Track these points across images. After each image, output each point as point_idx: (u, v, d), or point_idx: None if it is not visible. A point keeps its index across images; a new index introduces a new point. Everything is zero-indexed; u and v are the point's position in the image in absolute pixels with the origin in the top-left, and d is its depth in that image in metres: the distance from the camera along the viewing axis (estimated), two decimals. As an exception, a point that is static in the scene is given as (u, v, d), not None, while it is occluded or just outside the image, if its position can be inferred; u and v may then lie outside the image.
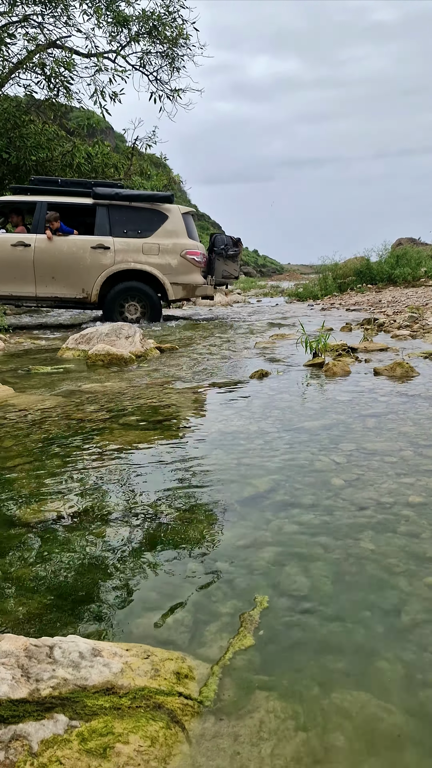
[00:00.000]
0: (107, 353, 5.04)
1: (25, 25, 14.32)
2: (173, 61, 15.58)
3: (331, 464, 2.26)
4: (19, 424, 3.01)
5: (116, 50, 15.22)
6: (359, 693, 1.07)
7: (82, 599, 1.43)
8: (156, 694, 1.00)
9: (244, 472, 2.22)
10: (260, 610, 1.34)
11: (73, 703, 0.93)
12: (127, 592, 1.47)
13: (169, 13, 14.73)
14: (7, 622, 1.32)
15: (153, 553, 1.65)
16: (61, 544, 1.70)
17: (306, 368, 4.39)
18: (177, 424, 2.95)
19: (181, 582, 1.50)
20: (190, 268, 9.10)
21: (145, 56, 15.46)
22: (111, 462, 2.40)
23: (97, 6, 14.24)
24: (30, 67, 14.28)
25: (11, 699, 0.90)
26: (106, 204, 9.00)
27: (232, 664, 1.15)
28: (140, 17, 14.66)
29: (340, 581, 1.46)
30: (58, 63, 14.08)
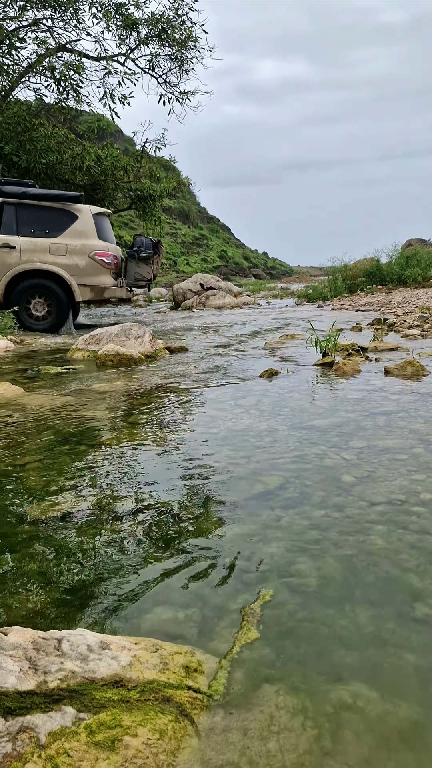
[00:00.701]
0: (117, 353, 5.04)
1: (35, 29, 14.40)
2: (182, 64, 15.61)
3: (341, 461, 2.24)
4: (29, 424, 3.01)
5: (125, 53, 15.27)
6: (369, 687, 1.06)
7: (91, 594, 1.43)
8: (165, 688, 0.99)
9: (254, 469, 2.20)
10: (261, 603, 1.33)
11: (81, 695, 0.92)
12: (136, 587, 1.46)
13: (177, 15, 14.76)
14: (18, 615, 1.31)
15: (162, 548, 1.64)
16: (70, 539, 1.70)
17: (316, 367, 4.38)
18: (187, 422, 2.95)
19: (191, 577, 1.49)
20: (99, 270, 8.95)
21: (154, 59, 15.50)
22: (119, 460, 2.39)
23: (106, 9, 14.29)
24: (40, 70, 14.35)
25: (19, 691, 0.89)
26: (14, 203, 8.80)
27: (241, 658, 1.14)
28: (149, 20, 14.70)
29: (350, 577, 1.45)
30: (68, 66, 14.13)
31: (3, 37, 13.89)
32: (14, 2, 13.89)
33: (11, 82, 14.04)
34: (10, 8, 14.09)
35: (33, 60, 14.40)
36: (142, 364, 5.02)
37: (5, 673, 0.91)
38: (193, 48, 15.40)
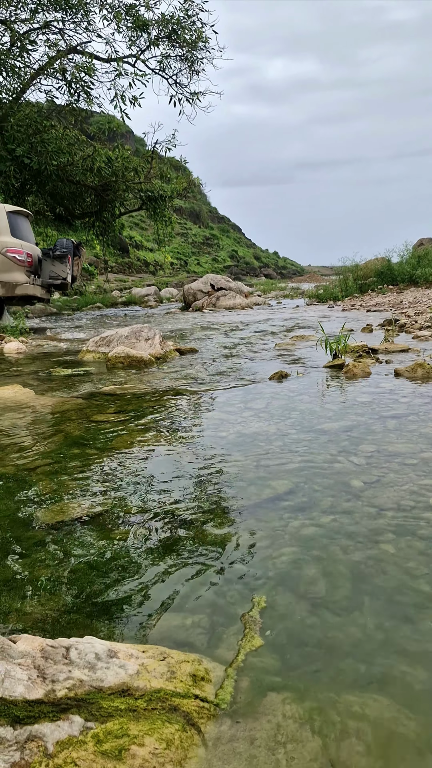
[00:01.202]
0: (127, 355, 5.06)
1: (46, 31, 14.48)
2: (192, 65, 15.64)
3: (350, 466, 2.24)
4: (40, 427, 3.03)
5: (136, 54, 15.32)
6: (378, 697, 1.06)
7: (99, 600, 1.44)
8: (172, 697, 0.99)
9: (263, 474, 2.20)
10: (259, 610, 1.33)
11: (89, 704, 0.93)
12: (144, 593, 1.47)
13: (188, 16, 14.78)
14: (26, 622, 1.32)
15: (171, 554, 1.64)
16: (79, 545, 1.71)
17: (326, 369, 4.37)
18: (196, 425, 2.95)
19: (199, 583, 1.49)
20: (11, 267, 8.95)
21: (164, 60, 15.54)
22: (130, 464, 2.40)
23: (117, 11, 14.34)
24: (51, 73, 14.43)
25: (27, 699, 0.90)
26: None
27: (247, 666, 1.14)
28: (159, 21, 14.73)
29: (358, 584, 1.45)
30: (79, 68, 14.20)
31: (14, 39, 13.97)
32: (25, 5, 13.98)
33: (23, 85, 14.12)
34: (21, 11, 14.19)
35: (44, 62, 14.48)
36: (152, 366, 5.03)
37: (14, 682, 0.92)
38: (204, 49, 15.43)
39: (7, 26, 14.19)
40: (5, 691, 0.90)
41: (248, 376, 4.27)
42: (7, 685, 0.91)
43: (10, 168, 12.70)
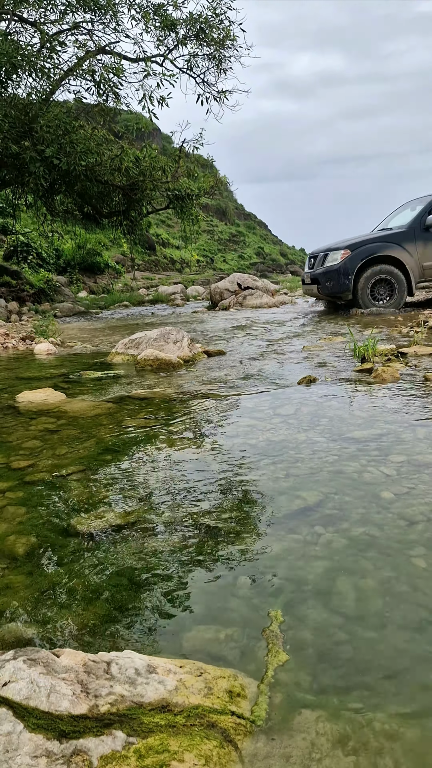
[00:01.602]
0: (156, 358, 5.11)
1: (75, 32, 14.60)
2: (220, 63, 15.62)
3: (380, 476, 2.25)
4: (71, 431, 3.09)
5: (164, 54, 15.36)
6: (412, 716, 1.08)
7: (135, 611, 1.48)
8: (209, 713, 1.02)
9: (293, 484, 2.23)
10: (278, 624, 1.36)
11: (131, 719, 0.97)
12: (177, 604, 1.50)
13: (216, 15, 14.77)
14: (65, 633, 1.37)
15: (203, 565, 1.68)
16: (113, 554, 1.75)
17: (354, 374, 4.37)
18: (225, 432, 2.98)
19: (231, 596, 1.53)
20: None
21: (192, 59, 15.55)
22: (161, 471, 2.44)
23: (145, 11, 14.40)
24: (80, 73, 14.54)
25: (72, 714, 0.94)
26: None
27: (280, 682, 1.17)
28: (187, 20, 14.75)
29: (390, 599, 1.46)
30: (108, 69, 14.29)
31: (44, 41, 14.12)
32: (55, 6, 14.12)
33: (52, 86, 14.26)
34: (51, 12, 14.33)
35: (73, 63, 14.61)
36: (180, 368, 5.07)
37: (59, 697, 0.96)
38: (231, 47, 15.40)
39: (37, 28, 14.34)
40: (51, 706, 0.94)
41: (276, 380, 4.29)
42: (53, 699, 0.95)
43: (39, 169, 12.85)
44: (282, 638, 1.32)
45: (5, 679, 0.98)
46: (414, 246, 9.44)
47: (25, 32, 14.62)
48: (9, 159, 13.03)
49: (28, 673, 0.99)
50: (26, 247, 21.31)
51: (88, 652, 1.16)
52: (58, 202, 16.32)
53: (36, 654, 1.05)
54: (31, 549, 1.81)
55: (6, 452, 2.77)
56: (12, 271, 18.25)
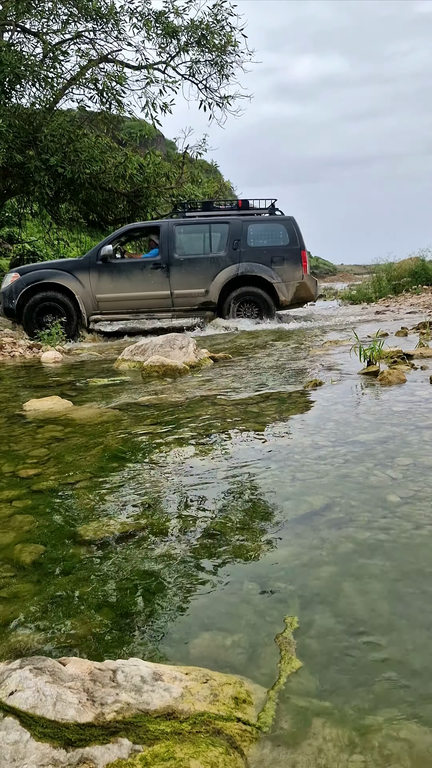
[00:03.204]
0: (162, 364, 5.12)
1: (78, 41, 14.69)
2: (222, 69, 15.67)
3: (386, 480, 2.25)
4: (78, 439, 3.10)
5: (166, 61, 15.42)
6: (421, 724, 1.08)
7: (141, 618, 1.48)
8: (215, 720, 1.03)
9: (299, 488, 2.23)
10: (292, 630, 1.36)
11: (136, 727, 0.97)
12: (184, 611, 1.51)
13: (217, 21, 14.83)
14: (73, 641, 1.38)
15: (208, 571, 1.68)
16: (120, 561, 1.76)
17: (360, 377, 4.36)
18: (232, 437, 2.99)
19: (237, 601, 1.53)
20: None
21: (194, 65, 15.61)
22: (168, 477, 2.45)
23: (146, 19, 14.47)
24: (83, 82, 14.62)
25: (78, 723, 0.95)
26: None
27: (287, 688, 1.17)
28: (189, 27, 14.81)
29: (398, 603, 1.46)
30: (110, 77, 14.37)
31: (47, 51, 14.22)
32: (57, 17, 14.21)
33: (55, 95, 14.35)
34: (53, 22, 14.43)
35: (76, 72, 14.69)
36: (186, 374, 5.08)
37: (65, 705, 0.97)
38: (233, 52, 15.45)
39: (40, 38, 14.44)
40: (57, 714, 0.95)
41: (282, 385, 4.29)
42: (60, 708, 0.96)
43: (44, 177, 12.93)
44: (295, 645, 1.31)
45: (12, 688, 0.99)
46: (87, 276, 9.33)
47: (28, 42, 14.73)
48: (14, 168, 13.12)
49: (34, 682, 1.00)
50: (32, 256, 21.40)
51: (95, 660, 1.16)
52: (63, 210, 16.40)
53: (42, 663, 1.06)
54: (38, 557, 1.82)
55: (14, 461, 2.78)
56: (18, 280, 18.30)
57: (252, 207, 10.18)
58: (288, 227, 9.76)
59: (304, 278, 9.79)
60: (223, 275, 9.51)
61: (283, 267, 9.64)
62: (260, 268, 9.55)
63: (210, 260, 9.56)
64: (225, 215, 9.94)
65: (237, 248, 9.58)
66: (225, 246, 9.62)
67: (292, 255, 9.68)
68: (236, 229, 9.66)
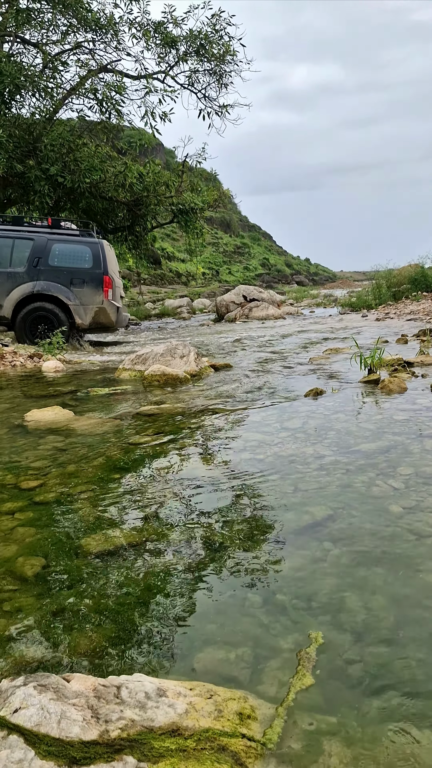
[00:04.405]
0: (162, 373, 5.12)
1: (77, 52, 14.78)
2: (221, 78, 15.76)
3: (388, 490, 2.25)
4: (80, 450, 3.10)
5: (165, 71, 15.51)
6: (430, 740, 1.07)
7: (143, 632, 1.48)
8: (220, 736, 1.02)
9: (301, 499, 2.23)
10: (316, 646, 1.35)
11: (141, 744, 0.97)
12: (187, 624, 1.50)
13: (215, 31, 14.92)
14: (76, 656, 1.37)
15: (211, 584, 1.68)
16: (122, 574, 1.76)
17: (361, 385, 4.36)
18: (234, 447, 2.99)
19: (240, 615, 1.53)
20: None
21: (193, 75, 15.70)
22: (169, 489, 2.45)
23: (145, 29, 14.56)
24: (83, 92, 14.71)
25: (83, 740, 0.94)
26: None
27: (295, 704, 1.16)
28: (188, 37, 14.90)
29: (401, 615, 1.46)
30: (110, 87, 14.44)
31: (47, 61, 14.31)
32: (57, 27, 14.31)
33: (55, 105, 14.43)
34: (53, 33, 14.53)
35: (75, 82, 14.78)
36: (187, 383, 5.09)
37: (70, 723, 0.96)
38: (231, 62, 15.54)
39: (40, 49, 14.54)
40: (62, 732, 0.95)
41: (283, 393, 4.29)
42: (64, 726, 0.96)
43: (44, 187, 12.98)
44: (314, 661, 1.30)
45: (16, 705, 0.99)
46: None
47: (27, 53, 14.84)
48: (14, 178, 13.17)
49: (38, 699, 1.00)
50: (33, 265, 21.45)
51: (98, 675, 1.16)
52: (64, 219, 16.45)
53: (46, 679, 1.06)
54: (40, 571, 1.82)
55: (15, 472, 2.78)
56: (19, 289, 18.35)
57: (64, 227, 10.11)
58: (94, 250, 9.71)
59: (104, 303, 9.70)
60: (18, 291, 9.41)
61: (83, 290, 9.59)
62: (57, 288, 9.47)
63: (7, 275, 9.46)
64: (31, 231, 9.81)
65: (37, 266, 9.50)
66: (26, 262, 9.53)
67: (93, 278, 9.63)
68: (40, 246, 9.58)
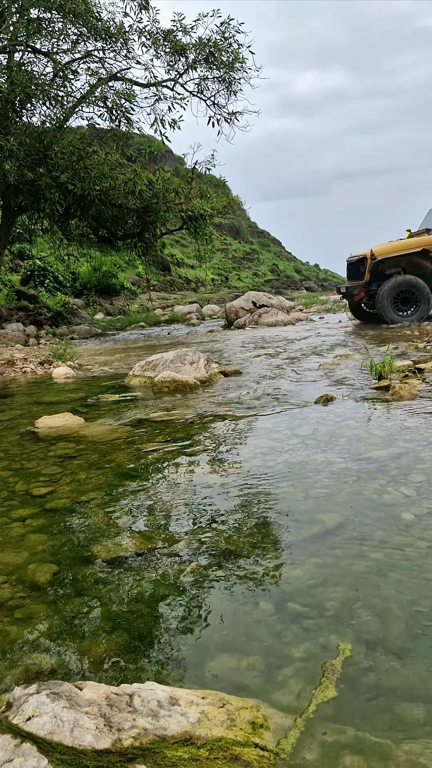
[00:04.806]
0: (172, 380, 5.13)
1: (87, 60, 14.89)
2: (230, 85, 15.82)
3: (400, 497, 2.24)
4: (91, 456, 3.11)
5: (174, 78, 15.59)
6: (436, 748, 1.06)
7: (155, 640, 1.48)
8: (233, 745, 1.02)
9: (312, 506, 2.22)
10: (342, 659, 1.34)
11: (154, 753, 0.97)
12: (199, 632, 1.50)
13: (225, 38, 14.98)
14: (88, 663, 1.38)
15: (222, 591, 1.68)
16: (133, 581, 1.76)
17: (371, 391, 4.35)
18: (244, 454, 2.98)
19: (252, 623, 1.52)
20: None
21: (202, 82, 15.76)
22: (180, 496, 2.45)
23: (155, 38, 14.66)
24: (93, 100, 14.81)
25: (96, 749, 0.94)
26: None
27: (310, 716, 1.16)
28: (197, 45, 14.98)
29: (413, 626, 1.45)
30: (119, 95, 14.53)
31: (57, 70, 14.41)
32: (67, 37, 14.42)
33: (65, 113, 14.53)
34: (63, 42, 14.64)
35: (86, 90, 14.88)
36: (197, 389, 5.09)
37: (83, 731, 0.97)
38: (240, 69, 15.59)
39: (50, 58, 14.65)
40: (75, 741, 0.95)
41: (293, 400, 4.28)
42: (77, 734, 0.96)
43: (54, 194, 13.05)
44: (339, 674, 1.29)
45: (29, 713, 0.99)
46: None
47: (38, 62, 14.94)
48: (25, 186, 13.27)
49: (51, 708, 1.00)
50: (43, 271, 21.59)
51: (110, 683, 1.16)
52: (74, 226, 16.54)
53: (59, 687, 1.06)
54: (52, 578, 1.82)
55: (27, 479, 2.79)
56: (29, 295, 18.49)
57: None
58: None
59: None
60: None
61: None
62: None
63: None
64: None
65: None
66: None
67: None
68: None
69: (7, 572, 1.88)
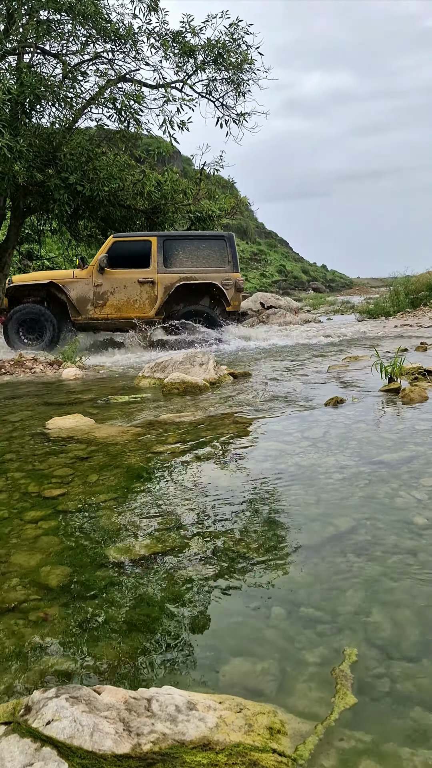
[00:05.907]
0: (182, 381, 5.14)
1: (96, 62, 14.92)
2: (239, 87, 15.81)
3: (412, 501, 2.24)
4: (102, 458, 3.12)
5: (183, 79, 15.60)
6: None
7: (170, 643, 1.48)
8: (251, 751, 1.03)
9: (324, 510, 2.22)
10: (350, 663, 1.34)
11: (173, 758, 0.97)
12: (212, 636, 1.51)
13: (233, 40, 14.98)
14: (104, 667, 1.38)
15: (234, 594, 1.68)
16: (146, 584, 1.77)
17: (381, 394, 4.35)
18: (254, 457, 2.99)
19: (265, 627, 1.53)
20: None
21: (211, 83, 15.77)
22: (191, 499, 2.46)
23: (164, 39, 14.68)
24: (102, 102, 14.84)
25: (115, 754, 0.95)
26: None
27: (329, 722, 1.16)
28: (206, 46, 14.99)
29: (428, 632, 1.45)
30: (128, 96, 14.56)
31: (66, 72, 14.46)
32: (76, 38, 14.47)
33: (75, 114, 14.57)
34: (72, 44, 14.69)
35: (95, 92, 14.92)
36: (207, 391, 5.10)
37: (102, 736, 0.97)
38: (249, 70, 15.59)
39: (59, 59, 14.69)
40: (95, 745, 0.96)
41: (303, 402, 4.28)
42: (97, 738, 0.96)
43: (63, 195, 13.09)
44: (352, 679, 1.29)
45: (48, 717, 1.00)
46: None
47: (47, 64, 14.99)
48: (34, 187, 13.31)
49: (71, 712, 1.01)
50: (51, 272, 21.66)
51: (127, 687, 1.17)
52: (82, 227, 16.58)
53: (78, 691, 1.07)
54: (65, 580, 1.83)
55: (38, 480, 2.80)
56: (38, 296, 18.52)
57: None
58: None
59: None
60: None
61: None
62: None
63: None
64: None
65: None
66: None
67: None
68: None
69: (20, 574, 1.89)
